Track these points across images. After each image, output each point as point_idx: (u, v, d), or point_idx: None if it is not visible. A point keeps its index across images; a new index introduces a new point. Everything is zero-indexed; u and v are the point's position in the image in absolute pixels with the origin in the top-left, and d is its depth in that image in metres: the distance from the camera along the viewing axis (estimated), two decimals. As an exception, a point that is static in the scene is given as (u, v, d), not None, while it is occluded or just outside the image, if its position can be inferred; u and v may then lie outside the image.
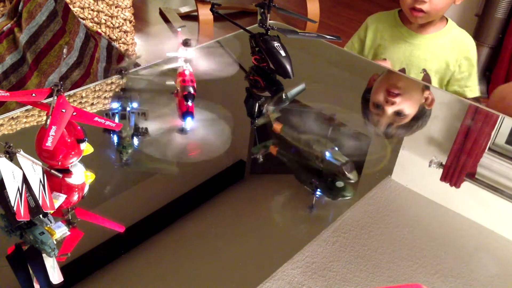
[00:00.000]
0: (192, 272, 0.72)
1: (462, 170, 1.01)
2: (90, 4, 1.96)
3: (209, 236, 0.78)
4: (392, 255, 0.77)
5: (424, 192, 0.93)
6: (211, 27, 2.82)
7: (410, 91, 1.10)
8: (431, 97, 1.03)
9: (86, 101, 1.09)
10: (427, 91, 1.07)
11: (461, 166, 1.03)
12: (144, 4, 3.60)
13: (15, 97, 0.76)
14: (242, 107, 1.12)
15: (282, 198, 0.85)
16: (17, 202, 0.63)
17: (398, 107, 0.97)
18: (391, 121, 0.95)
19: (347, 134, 0.92)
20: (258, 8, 1.08)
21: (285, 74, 1.05)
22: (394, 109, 0.97)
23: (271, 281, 0.70)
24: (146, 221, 0.79)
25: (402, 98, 1.01)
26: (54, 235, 0.69)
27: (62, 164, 0.78)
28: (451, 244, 0.81)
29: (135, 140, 0.93)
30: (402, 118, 0.96)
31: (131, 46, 2.14)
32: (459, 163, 1.03)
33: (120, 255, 0.73)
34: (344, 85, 1.35)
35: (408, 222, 0.85)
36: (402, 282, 0.72)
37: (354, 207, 0.85)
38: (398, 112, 0.96)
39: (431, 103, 1.02)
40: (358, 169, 0.90)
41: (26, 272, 0.66)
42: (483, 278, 0.75)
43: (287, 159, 0.91)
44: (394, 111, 0.96)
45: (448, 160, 1.02)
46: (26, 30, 1.65)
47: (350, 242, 0.78)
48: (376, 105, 0.97)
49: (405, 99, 1.02)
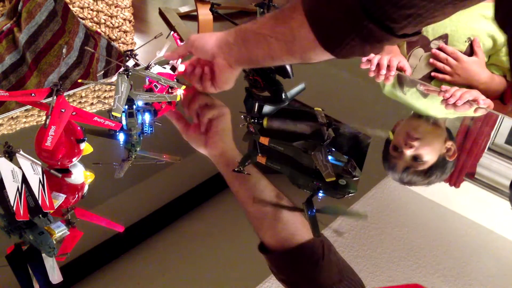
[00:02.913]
0: (192, 271, 0.72)
1: (462, 170, 1.01)
2: (90, 4, 1.96)
3: (209, 236, 0.78)
4: (392, 255, 0.77)
5: (423, 192, 0.93)
6: (210, 27, 2.82)
7: (430, 136, 1.09)
8: (453, 149, 1.02)
9: (86, 101, 1.09)
10: (450, 141, 1.06)
11: (461, 166, 1.03)
12: (143, 4, 3.59)
13: (14, 97, 0.76)
14: (242, 107, 1.12)
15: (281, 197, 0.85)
16: (16, 202, 0.63)
17: (416, 151, 0.96)
18: (407, 165, 0.95)
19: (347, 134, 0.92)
20: (258, 8, 1.08)
21: (285, 74, 1.05)
22: (413, 153, 0.96)
23: (271, 281, 0.70)
24: (146, 221, 0.79)
25: (421, 142, 1.00)
26: (54, 235, 0.69)
27: (61, 164, 0.77)
28: (451, 244, 0.81)
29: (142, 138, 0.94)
30: (420, 164, 0.95)
31: (130, 46, 2.14)
32: (458, 163, 1.03)
33: (120, 255, 0.73)
34: (344, 85, 1.35)
35: (408, 222, 0.85)
36: (402, 282, 0.72)
37: (354, 207, 0.85)
38: (416, 157, 0.95)
39: (453, 155, 1.00)
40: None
41: (25, 272, 0.66)
42: (483, 278, 0.75)
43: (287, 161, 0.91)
44: (412, 156, 0.95)
45: (448, 160, 1.02)
46: (25, 30, 1.65)
47: (350, 242, 0.77)
48: (394, 148, 0.96)
49: (424, 143, 1.01)
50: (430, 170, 0.95)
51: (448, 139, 1.07)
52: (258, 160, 0.93)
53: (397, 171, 0.95)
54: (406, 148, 0.96)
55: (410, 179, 0.94)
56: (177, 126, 0.93)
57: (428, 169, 0.95)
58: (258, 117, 1.01)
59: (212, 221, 0.81)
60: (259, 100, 1.11)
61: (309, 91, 1.15)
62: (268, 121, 0.97)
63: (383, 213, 0.85)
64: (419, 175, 0.94)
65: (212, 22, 2.81)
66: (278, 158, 0.92)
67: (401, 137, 1.02)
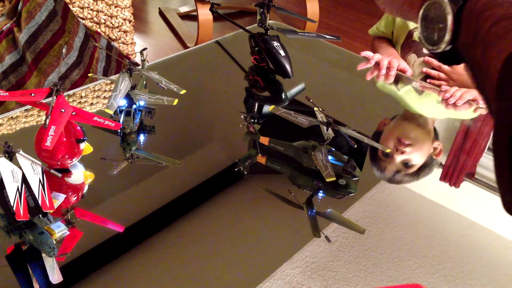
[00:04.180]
0: (192, 271, 0.72)
1: (462, 170, 1.01)
2: (90, 3, 1.96)
3: (209, 236, 0.78)
4: (392, 255, 0.77)
5: (423, 192, 0.93)
6: (210, 27, 2.82)
7: (421, 141, 1.10)
8: (439, 148, 1.04)
9: (86, 101, 1.09)
10: (437, 141, 1.07)
11: (461, 166, 1.03)
12: (143, 4, 3.59)
13: (14, 97, 0.76)
14: (242, 107, 1.12)
15: (282, 198, 0.85)
16: (16, 202, 0.63)
17: (407, 157, 0.98)
18: (397, 169, 0.96)
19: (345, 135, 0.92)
20: (258, 8, 1.08)
21: (285, 74, 1.05)
22: (403, 158, 0.97)
23: (271, 281, 0.70)
24: (146, 221, 0.79)
25: (413, 148, 1.01)
26: (54, 235, 0.69)
27: (61, 164, 0.77)
28: (451, 244, 0.81)
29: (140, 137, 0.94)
30: (409, 167, 0.97)
31: (130, 46, 2.14)
32: (458, 163, 1.03)
33: (120, 255, 0.73)
34: (344, 85, 1.35)
35: (408, 222, 0.85)
36: (402, 282, 0.72)
37: (354, 207, 0.85)
38: (406, 162, 0.97)
39: (439, 153, 1.02)
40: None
41: (25, 272, 0.66)
42: (483, 278, 0.75)
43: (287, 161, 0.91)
44: (402, 161, 0.96)
45: (448, 160, 1.02)
46: (25, 30, 1.65)
47: (350, 242, 0.77)
48: (384, 153, 0.97)
49: (415, 149, 1.02)
50: (419, 170, 0.97)
51: (435, 139, 1.09)
52: (258, 160, 0.93)
53: (387, 174, 0.96)
54: (397, 154, 0.97)
55: (399, 180, 0.96)
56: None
57: (417, 170, 0.97)
58: (258, 117, 1.01)
59: (212, 221, 0.81)
60: (259, 100, 1.11)
61: (309, 91, 1.15)
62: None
63: (383, 213, 0.85)
64: (408, 176, 0.96)
65: (212, 22, 2.81)
66: (278, 158, 0.92)
67: (391, 142, 1.02)
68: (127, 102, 0.90)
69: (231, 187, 0.91)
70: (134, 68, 0.90)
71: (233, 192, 0.89)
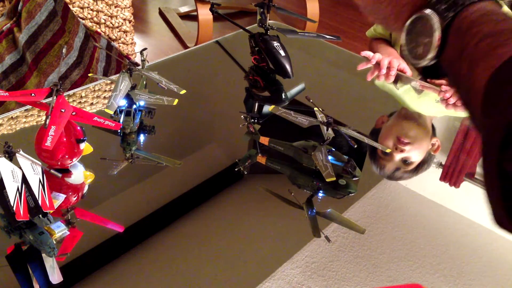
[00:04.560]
0: (192, 271, 0.72)
1: (462, 170, 1.01)
2: (90, 3, 1.96)
3: (209, 236, 0.78)
4: (392, 255, 0.77)
5: (423, 192, 0.94)
6: (210, 27, 2.82)
7: (419, 139, 1.11)
8: (437, 144, 1.05)
9: (86, 101, 1.09)
10: (435, 138, 1.08)
11: (461, 166, 1.03)
12: (143, 4, 3.59)
13: (14, 97, 0.76)
14: (242, 107, 1.12)
15: (282, 198, 0.85)
16: (16, 202, 0.63)
17: (406, 154, 0.98)
18: (397, 166, 0.96)
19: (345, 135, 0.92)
20: (258, 8, 1.08)
21: (285, 74, 1.05)
22: (402, 156, 0.97)
23: (271, 281, 0.70)
24: (146, 221, 0.79)
25: (412, 146, 1.02)
26: (54, 235, 0.69)
27: (61, 164, 0.77)
28: (451, 244, 0.81)
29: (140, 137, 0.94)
30: (409, 164, 0.97)
31: (130, 46, 2.14)
32: (458, 163, 1.03)
33: (120, 255, 0.73)
34: (344, 85, 1.35)
35: (408, 222, 0.85)
36: (402, 282, 0.72)
37: (354, 207, 0.85)
38: (405, 160, 0.97)
39: (437, 149, 1.03)
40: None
41: (25, 272, 0.66)
42: (483, 278, 0.75)
43: (287, 161, 0.91)
44: (401, 158, 0.97)
45: (448, 160, 1.02)
46: (25, 30, 1.65)
47: (350, 242, 0.77)
48: (384, 151, 0.97)
49: (414, 147, 1.03)
50: (418, 167, 0.98)
51: (433, 136, 1.10)
52: (258, 160, 0.93)
53: (386, 171, 0.97)
54: (397, 152, 0.98)
55: (398, 177, 0.97)
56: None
57: (416, 167, 0.98)
58: (258, 117, 1.01)
59: (212, 221, 0.81)
60: (259, 100, 1.11)
61: (309, 91, 1.15)
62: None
63: (383, 213, 0.85)
64: (407, 173, 0.97)
65: (212, 22, 2.81)
66: (278, 158, 0.92)
67: (390, 141, 1.03)
68: (127, 102, 0.90)
69: (231, 187, 0.91)
70: (134, 68, 0.90)
71: (233, 192, 0.89)
